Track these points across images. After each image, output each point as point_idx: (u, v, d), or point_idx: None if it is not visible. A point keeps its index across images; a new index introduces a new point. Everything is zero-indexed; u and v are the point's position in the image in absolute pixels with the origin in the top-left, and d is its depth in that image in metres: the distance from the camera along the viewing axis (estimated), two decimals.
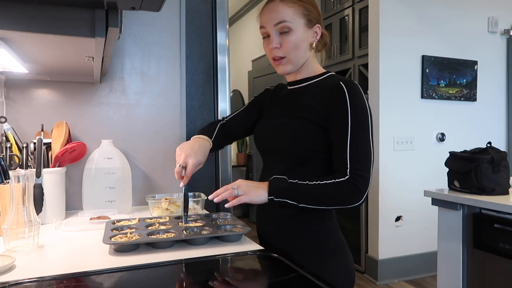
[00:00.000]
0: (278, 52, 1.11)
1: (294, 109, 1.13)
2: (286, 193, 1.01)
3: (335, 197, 1.01)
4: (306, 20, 1.10)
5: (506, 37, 3.60)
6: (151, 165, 1.66)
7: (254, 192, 1.02)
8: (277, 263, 0.93)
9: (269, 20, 1.10)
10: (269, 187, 1.02)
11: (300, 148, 1.08)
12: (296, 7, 1.09)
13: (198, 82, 1.77)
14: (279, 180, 1.03)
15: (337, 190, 1.00)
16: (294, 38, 1.09)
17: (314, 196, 1.01)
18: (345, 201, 1.01)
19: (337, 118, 1.04)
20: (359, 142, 1.02)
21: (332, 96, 1.05)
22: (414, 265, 3.20)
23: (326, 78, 1.13)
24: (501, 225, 1.72)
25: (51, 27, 0.79)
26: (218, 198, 1.03)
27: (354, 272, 1.15)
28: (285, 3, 1.10)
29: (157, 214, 1.36)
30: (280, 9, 1.09)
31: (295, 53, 1.11)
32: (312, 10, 1.11)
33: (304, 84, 1.15)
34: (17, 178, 1.00)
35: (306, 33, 1.11)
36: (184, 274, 0.90)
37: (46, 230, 1.21)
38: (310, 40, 1.12)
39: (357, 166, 1.01)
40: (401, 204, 3.17)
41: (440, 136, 3.32)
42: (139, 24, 1.64)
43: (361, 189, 1.01)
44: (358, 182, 1.00)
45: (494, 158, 1.86)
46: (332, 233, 1.11)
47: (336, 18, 3.91)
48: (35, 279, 0.81)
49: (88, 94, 1.58)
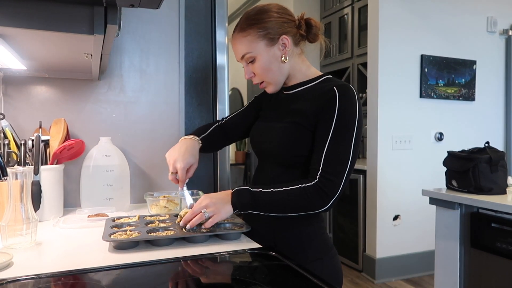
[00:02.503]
0: (255, 79, 1.14)
1: (286, 114, 1.13)
2: (249, 206, 1.03)
3: (300, 204, 1.00)
4: (266, 40, 1.08)
5: (505, 37, 3.61)
6: (150, 163, 1.65)
7: (223, 210, 1.03)
8: (275, 261, 0.93)
9: (236, 54, 1.14)
10: (232, 202, 1.04)
11: (289, 152, 1.08)
12: (252, 33, 1.08)
13: (197, 80, 1.77)
14: (241, 192, 1.04)
15: (302, 196, 0.99)
16: (261, 63, 1.09)
17: (279, 204, 1.01)
18: (310, 207, 1.01)
19: (322, 121, 1.03)
20: (337, 147, 1.01)
21: (323, 100, 1.04)
22: (412, 264, 3.21)
23: (322, 82, 1.11)
24: (498, 225, 1.73)
25: (49, 24, 0.78)
26: (190, 225, 1.03)
27: (341, 274, 1.14)
28: (241, 34, 1.10)
29: (155, 212, 1.36)
30: (239, 41, 1.11)
31: (270, 75, 1.11)
32: (271, 25, 1.08)
33: (299, 89, 1.14)
34: (15, 175, 1.00)
35: (272, 51, 1.09)
36: (182, 272, 0.90)
37: (44, 227, 1.21)
38: (279, 55, 1.10)
39: (328, 169, 0.99)
40: (399, 203, 3.18)
41: (438, 136, 3.32)
42: (138, 21, 1.63)
43: (327, 194, 0.99)
44: (325, 186, 0.99)
45: (492, 158, 1.87)
46: (319, 235, 1.11)
47: (335, 17, 3.91)
48: (33, 276, 0.81)
49: (87, 91, 1.57)
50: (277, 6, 1.12)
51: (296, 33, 1.11)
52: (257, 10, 1.10)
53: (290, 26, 1.10)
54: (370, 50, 3.21)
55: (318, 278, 0.81)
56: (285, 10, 1.12)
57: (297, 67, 1.14)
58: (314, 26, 1.12)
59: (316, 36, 1.14)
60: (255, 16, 1.09)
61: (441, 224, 2.03)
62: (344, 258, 3.42)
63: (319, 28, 1.13)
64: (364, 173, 3.24)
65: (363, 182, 3.25)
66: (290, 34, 1.10)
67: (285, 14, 1.11)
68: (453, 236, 1.95)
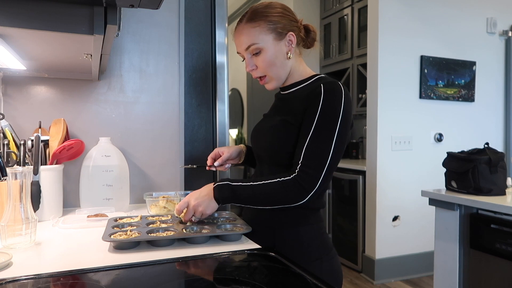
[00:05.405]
0: (257, 72, 1.14)
1: (279, 113, 1.15)
2: (229, 199, 1.07)
3: (278, 196, 1.03)
4: (275, 34, 1.09)
5: (504, 38, 3.61)
6: (149, 163, 1.65)
7: (209, 208, 1.09)
8: (275, 261, 0.93)
9: (240, 45, 1.13)
10: (214, 197, 1.08)
11: (279, 149, 1.10)
12: (262, 24, 1.09)
13: (197, 80, 1.77)
14: (222, 187, 1.07)
15: (280, 189, 1.01)
16: (267, 56, 1.09)
17: (257, 198, 1.05)
18: (287, 200, 1.03)
19: (306, 117, 1.04)
20: (319, 141, 1.01)
21: (310, 97, 1.05)
22: (411, 264, 3.21)
23: (314, 81, 1.13)
24: (497, 226, 1.73)
25: (49, 24, 0.79)
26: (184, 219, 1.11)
27: (341, 275, 1.15)
28: (250, 24, 1.10)
29: (154, 212, 1.36)
30: (246, 32, 1.10)
31: (273, 70, 1.12)
32: (280, 20, 1.09)
33: (293, 89, 1.16)
34: (15, 175, 1.00)
35: (278, 46, 1.10)
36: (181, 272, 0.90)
37: (43, 227, 1.21)
38: (285, 51, 1.11)
39: (307, 163, 1.01)
40: (398, 204, 3.18)
41: (438, 137, 3.32)
42: (138, 21, 1.63)
43: (305, 187, 1.00)
44: (303, 180, 1.00)
45: (491, 159, 1.87)
46: (318, 235, 1.11)
47: (335, 18, 3.91)
48: (32, 276, 0.81)
49: (86, 91, 1.57)
50: (282, 4, 1.15)
51: (298, 34, 1.14)
52: (266, 5, 1.12)
53: (294, 26, 1.12)
54: (370, 51, 3.21)
55: (317, 279, 0.81)
56: (290, 10, 1.15)
57: (296, 66, 1.16)
58: (312, 31, 1.16)
59: (313, 42, 1.17)
60: (265, 9, 1.10)
61: (440, 225, 2.03)
62: (343, 258, 3.42)
63: (316, 34, 1.17)
64: (363, 174, 3.24)
65: (363, 183, 3.25)
66: (296, 33, 1.12)
67: (290, 13, 1.14)
68: (452, 237, 1.95)
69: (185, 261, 0.92)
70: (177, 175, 1.69)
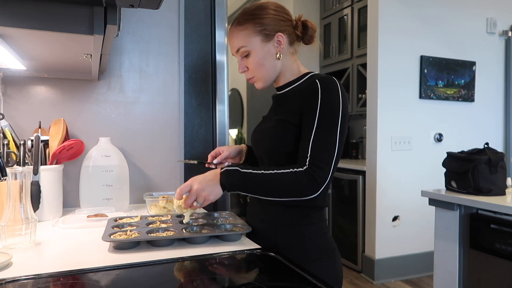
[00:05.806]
0: (248, 74, 1.16)
1: (276, 113, 1.16)
2: (237, 187, 1.03)
3: (290, 187, 1.00)
4: (262, 36, 1.10)
5: (504, 38, 3.61)
6: (149, 163, 1.65)
7: (213, 194, 1.03)
8: (275, 261, 0.93)
9: (232, 47, 1.15)
10: (221, 181, 1.03)
11: (277, 149, 1.10)
12: (249, 27, 1.10)
13: (197, 80, 1.77)
14: (230, 172, 1.03)
15: (293, 180, 0.99)
16: (255, 58, 1.11)
17: (268, 187, 1.01)
18: (300, 192, 1.00)
19: (307, 112, 1.04)
20: (324, 136, 1.01)
21: (307, 94, 1.06)
22: (411, 265, 3.21)
23: (308, 78, 1.13)
24: (497, 226, 1.73)
25: (49, 24, 0.79)
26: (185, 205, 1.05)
27: (341, 276, 1.14)
28: (238, 28, 1.11)
29: (154, 212, 1.36)
30: (235, 34, 1.12)
31: (262, 71, 1.13)
32: (268, 22, 1.10)
33: (288, 89, 1.16)
34: (14, 175, 1.00)
35: (266, 47, 1.11)
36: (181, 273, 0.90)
37: (43, 227, 1.21)
38: (274, 52, 1.11)
39: (317, 156, 1.00)
40: (398, 204, 3.18)
41: (437, 137, 3.33)
42: (137, 21, 1.63)
43: (318, 181, 0.99)
44: (315, 173, 0.99)
45: (491, 159, 1.87)
46: (320, 234, 1.11)
47: (335, 18, 3.91)
48: (32, 276, 0.81)
49: (86, 91, 1.57)
50: (275, 4, 1.14)
51: (291, 33, 1.13)
52: (256, 6, 1.13)
53: (286, 25, 1.12)
54: (370, 51, 3.21)
55: (316, 279, 0.81)
56: (283, 9, 1.14)
57: (289, 66, 1.16)
58: (310, 28, 1.15)
59: (312, 38, 1.16)
60: (253, 12, 1.11)
61: (440, 225, 2.03)
62: (343, 258, 3.42)
63: (315, 31, 1.16)
64: (363, 174, 3.24)
65: (363, 183, 3.25)
66: (286, 33, 1.12)
67: (282, 12, 1.13)
68: (452, 237, 1.95)
69: (185, 261, 0.92)
70: (177, 175, 1.69)
